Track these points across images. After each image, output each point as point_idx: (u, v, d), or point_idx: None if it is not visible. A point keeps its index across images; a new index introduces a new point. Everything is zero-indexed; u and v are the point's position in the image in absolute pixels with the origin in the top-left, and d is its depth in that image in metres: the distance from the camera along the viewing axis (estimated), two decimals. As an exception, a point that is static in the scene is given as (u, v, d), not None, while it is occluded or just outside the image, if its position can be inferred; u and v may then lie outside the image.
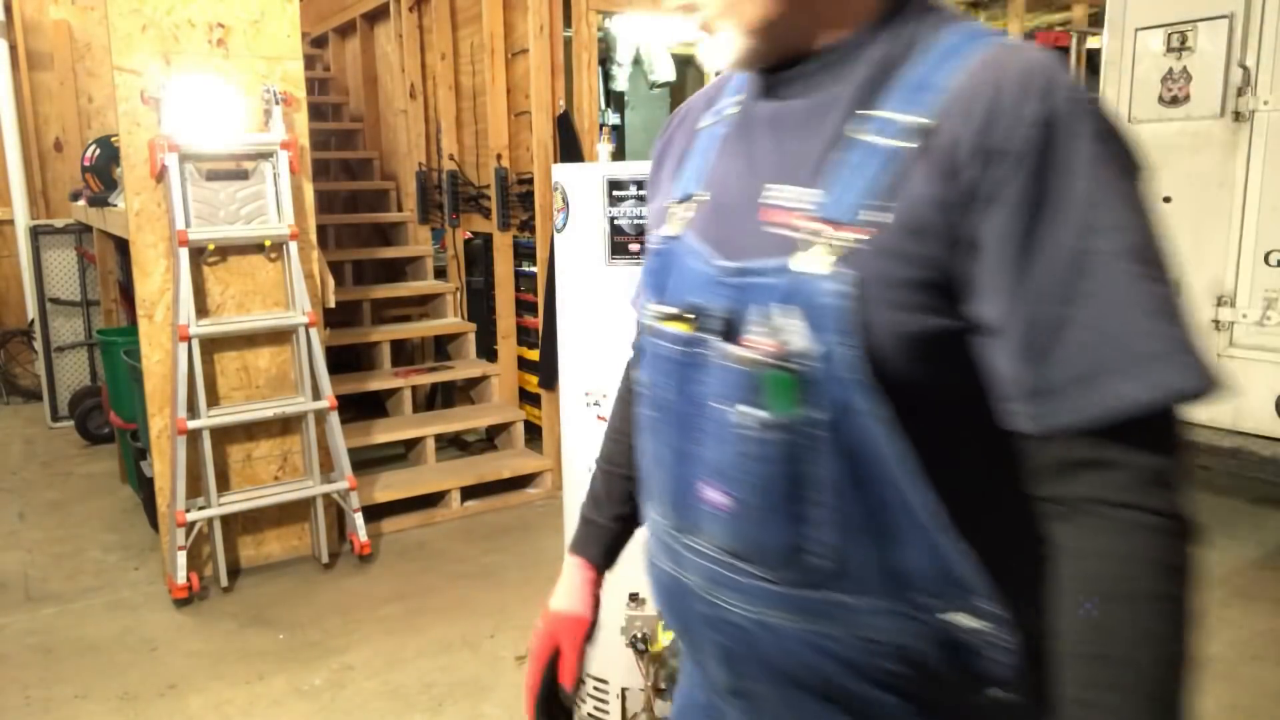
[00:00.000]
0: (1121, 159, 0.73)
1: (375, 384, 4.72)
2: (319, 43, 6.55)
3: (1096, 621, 0.69)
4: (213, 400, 3.44)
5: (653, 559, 0.95)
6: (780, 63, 0.85)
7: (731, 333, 0.80)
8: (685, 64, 7.41)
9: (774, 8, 0.81)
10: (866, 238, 0.74)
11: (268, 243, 3.46)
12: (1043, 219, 0.71)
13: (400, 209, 5.74)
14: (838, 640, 0.79)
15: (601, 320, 2.40)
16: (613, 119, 6.34)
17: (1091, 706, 0.69)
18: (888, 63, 0.80)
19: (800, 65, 0.84)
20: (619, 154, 5.48)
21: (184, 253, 3.25)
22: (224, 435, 3.50)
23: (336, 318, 4.79)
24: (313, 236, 3.65)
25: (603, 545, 1.10)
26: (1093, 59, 5.92)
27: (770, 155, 0.85)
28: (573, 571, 1.10)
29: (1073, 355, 0.69)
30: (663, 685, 1.27)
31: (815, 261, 0.76)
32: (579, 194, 2.43)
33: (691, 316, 0.83)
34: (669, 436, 0.88)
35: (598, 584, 1.10)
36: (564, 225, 2.51)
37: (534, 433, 4.79)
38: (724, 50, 0.84)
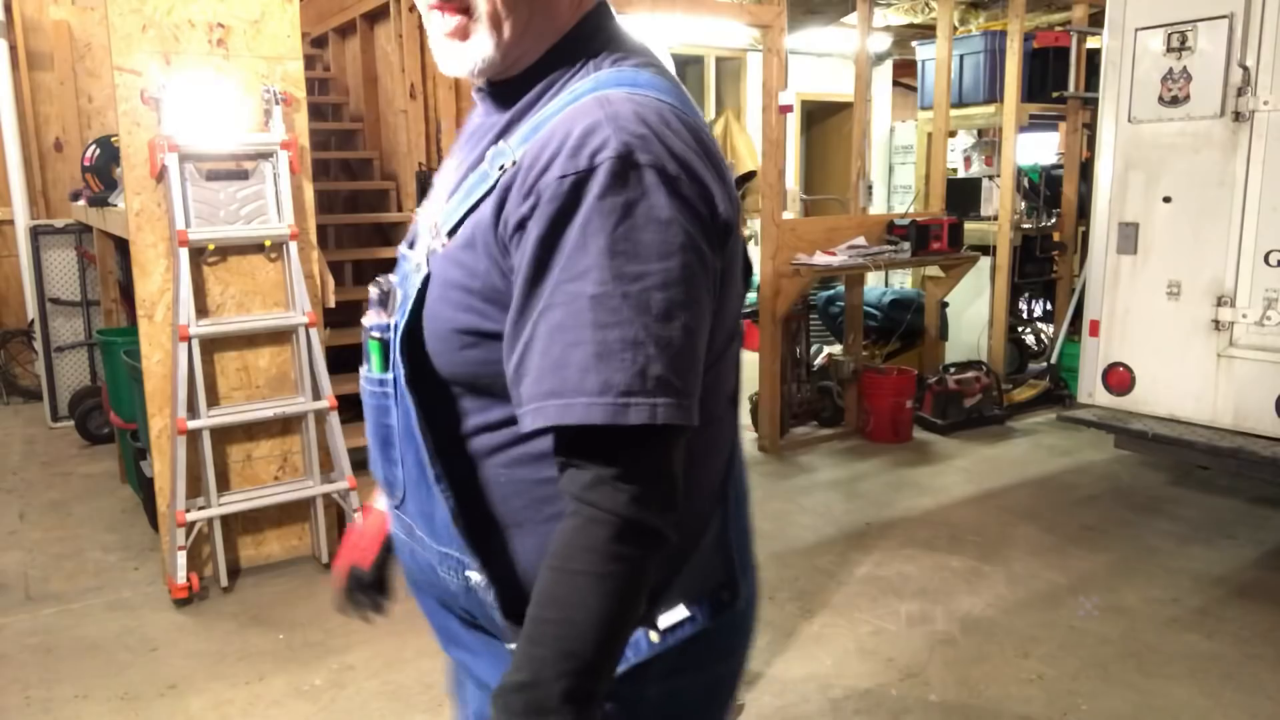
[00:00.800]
0: (623, 214, 0.82)
1: (375, 384, 4.71)
2: (319, 43, 6.55)
3: (541, 586, 0.84)
4: (213, 400, 3.44)
5: None
6: (495, 81, 0.98)
7: (385, 307, 0.99)
8: (685, 64, 7.41)
9: (516, 32, 0.92)
10: (446, 243, 0.92)
11: (268, 243, 3.46)
12: (544, 259, 0.83)
13: (400, 209, 5.73)
14: (425, 555, 1.01)
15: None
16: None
17: (521, 654, 0.83)
18: (530, 103, 0.94)
19: (493, 87, 0.98)
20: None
21: (184, 253, 3.25)
22: (224, 435, 3.51)
23: (336, 318, 4.78)
24: (313, 236, 3.65)
25: None
26: (1093, 59, 5.92)
27: (452, 165, 1.01)
28: (373, 511, 1.29)
29: (535, 376, 0.83)
30: None
31: (418, 258, 0.95)
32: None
33: (374, 291, 1.02)
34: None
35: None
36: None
37: (534, 433, 4.78)
38: (468, 59, 0.94)
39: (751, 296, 5.31)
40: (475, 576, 0.94)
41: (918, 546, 3.83)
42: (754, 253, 5.56)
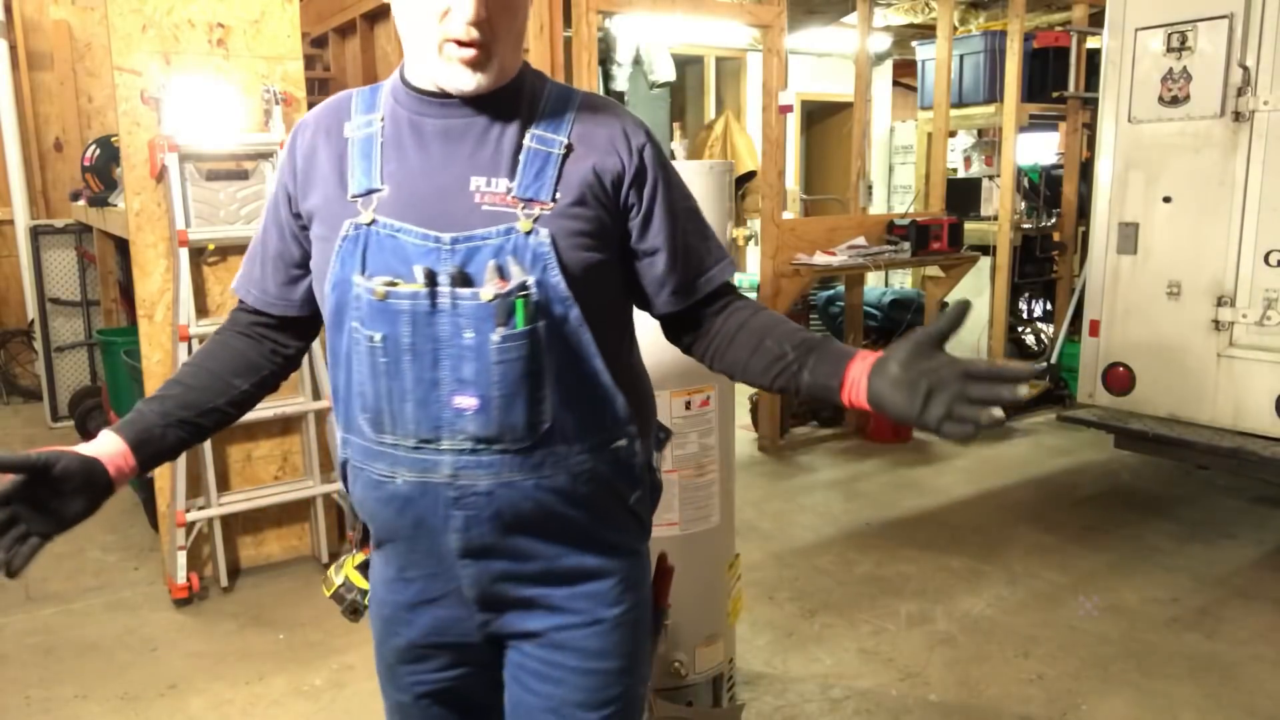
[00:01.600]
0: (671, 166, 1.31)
1: (375, 384, 4.71)
2: (319, 43, 6.55)
3: (781, 331, 1.26)
4: (213, 400, 3.44)
5: (382, 480, 1.23)
6: (476, 94, 1.20)
7: (467, 282, 1.14)
8: (685, 64, 7.41)
9: (510, 63, 1.20)
10: (551, 206, 1.17)
11: (268, 243, 3.46)
12: (668, 195, 1.25)
13: (400, 209, 5.73)
14: (554, 478, 1.21)
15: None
16: (613, 119, 6.32)
17: (806, 344, 1.24)
18: (531, 101, 1.23)
19: (479, 99, 1.20)
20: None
21: (184, 253, 3.25)
22: (224, 435, 3.50)
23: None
24: (313, 236, 3.65)
25: (148, 435, 1.29)
26: (1093, 59, 5.92)
27: (457, 156, 1.20)
28: (101, 438, 1.25)
29: (695, 262, 1.28)
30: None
31: (522, 225, 1.15)
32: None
33: (422, 277, 1.14)
34: (414, 370, 1.16)
35: (119, 457, 1.24)
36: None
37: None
38: (482, 79, 1.16)
39: (750, 296, 5.30)
40: (623, 441, 1.26)
41: (918, 546, 3.83)
42: (754, 253, 5.56)
